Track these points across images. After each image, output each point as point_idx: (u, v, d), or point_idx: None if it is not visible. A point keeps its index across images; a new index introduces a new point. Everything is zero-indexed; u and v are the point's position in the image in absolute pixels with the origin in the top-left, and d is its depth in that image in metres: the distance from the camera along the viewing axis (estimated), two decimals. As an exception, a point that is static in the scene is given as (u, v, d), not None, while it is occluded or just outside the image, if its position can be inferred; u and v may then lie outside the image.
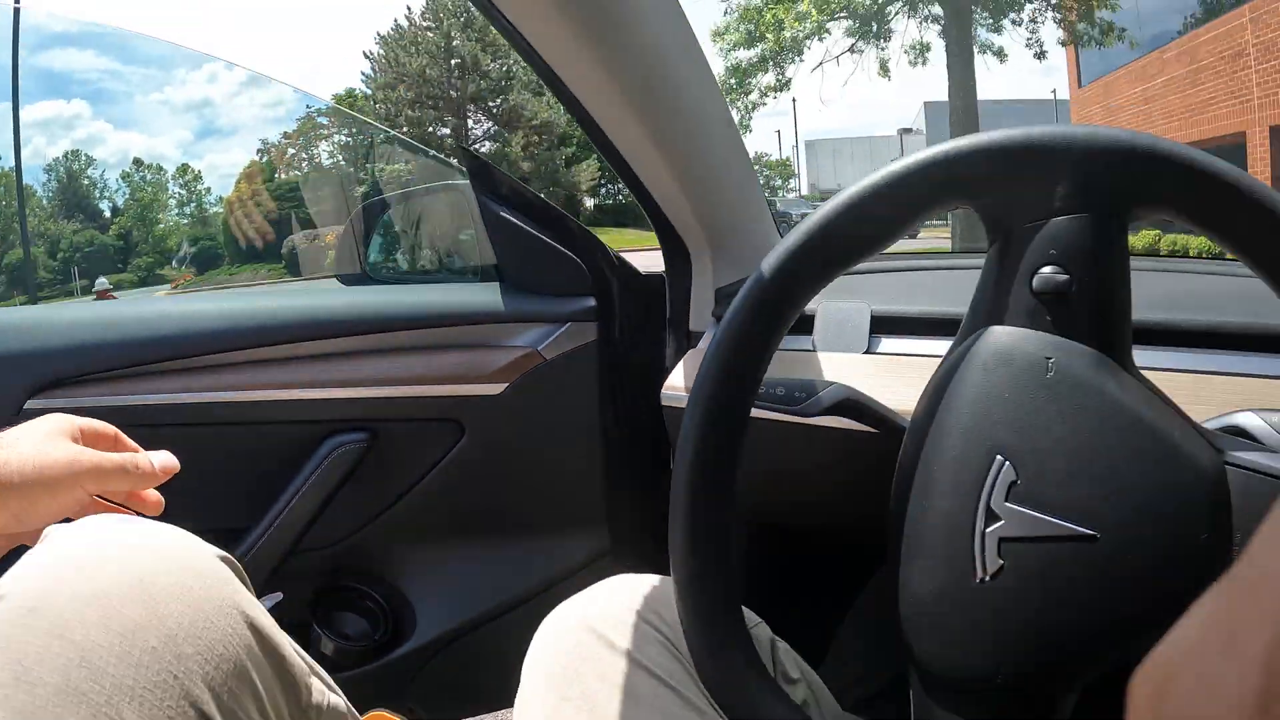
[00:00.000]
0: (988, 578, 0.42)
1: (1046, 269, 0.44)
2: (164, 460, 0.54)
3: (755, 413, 0.49)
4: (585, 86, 0.77)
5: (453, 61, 24.72)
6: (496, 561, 1.08)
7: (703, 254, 0.99)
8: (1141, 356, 0.48)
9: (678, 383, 0.89)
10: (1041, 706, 0.44)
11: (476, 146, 24.73)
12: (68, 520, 0.46)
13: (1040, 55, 12.26)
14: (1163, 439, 0.42)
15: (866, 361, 0.79)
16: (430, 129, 25.36)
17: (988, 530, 0.43)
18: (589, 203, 24.13)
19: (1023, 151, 0.44)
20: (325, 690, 0.49)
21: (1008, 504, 0.42)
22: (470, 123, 24.89)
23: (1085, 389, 0.43)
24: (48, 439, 0.49)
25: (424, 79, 24.68)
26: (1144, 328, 0.65)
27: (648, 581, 0.61)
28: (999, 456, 0.43)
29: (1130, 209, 0.43)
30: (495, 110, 24.18)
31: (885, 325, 0.81)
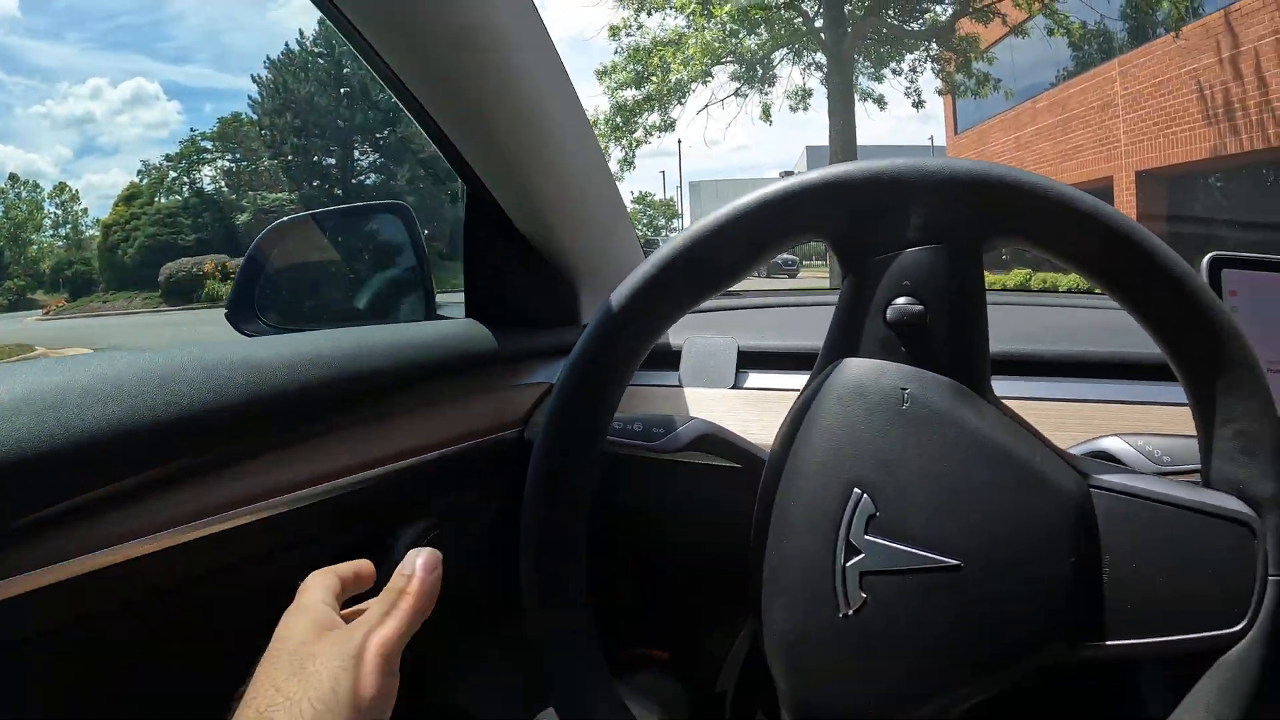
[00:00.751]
0: (851, 612, 0.42)
1: (900, 300, 0.43)
2: (425, 559, 0.49)
3: (619, 449, 0.53)
4: (445, 111, 0.76)
5: (342, 90, 24.10)
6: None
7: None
8: (1006, 386, 0.50)
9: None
10: None
11: (363, 178, 24.01)
12: None
13: (918, 105, 13.09)
14: (1024, 466, 0.42)
15: (733, 396, 0.80)
16: (316, 158, 24.54)
17: (848, 564, 0.42)
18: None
19: (881, 184, 0.43)
20: None
21: (867, 537, 0.42)
22: (356, 154, 24.15)
23: (942, 419, 0.42)
24: (330, 662, 0.41)
25: (312, 106, 23.96)
26: (1009, 358, 0.70)
27: None
28: (856, 489, 0.43)
29: (985, 238, 0.43)
30: (382, 142, 23.48)
31: (752, 360, 0.82)
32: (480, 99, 0.74)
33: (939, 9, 11.97)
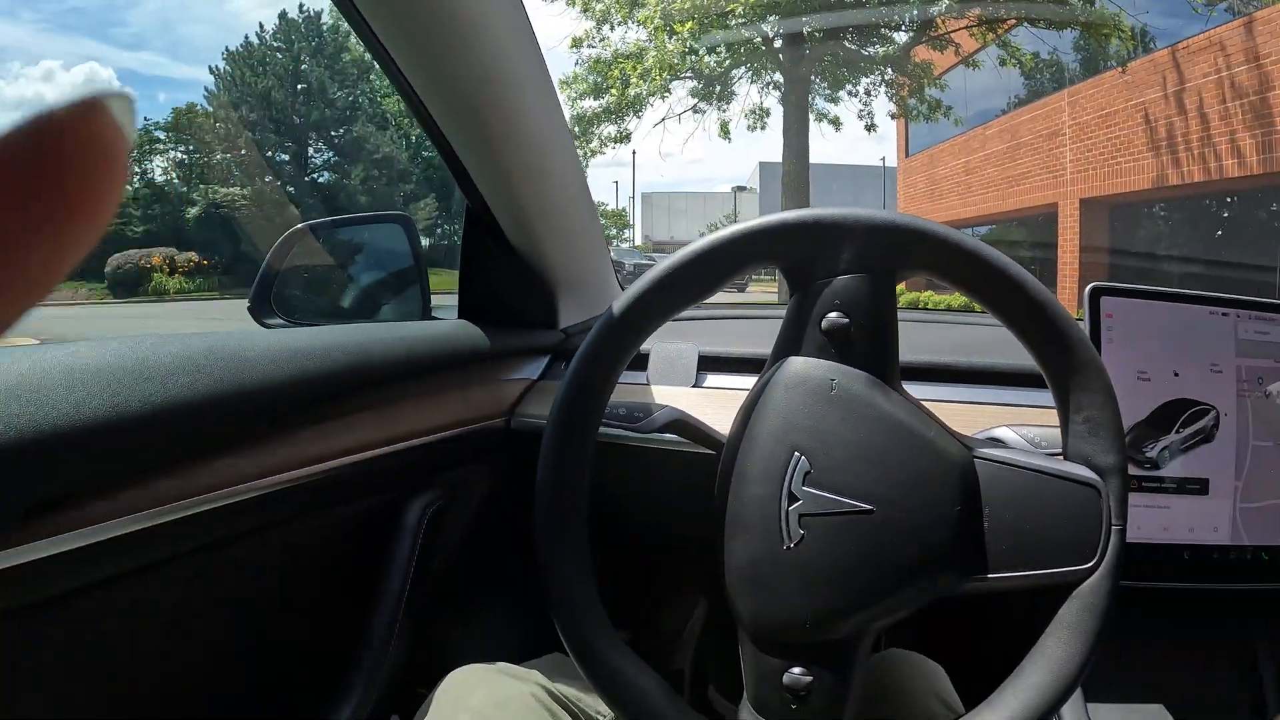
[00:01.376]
0: (792, 545, 0.52)
1: (832, 314, 0.54)
2: None
3: (602, 431, 0.61)
4: (462, 139, 0.87)
5: (299, 86, 23.65)
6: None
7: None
8: (915, 390, 0.59)
9: (529, 410, 0.97)
10: (845, 645, 0.53)
11: (315, 176, 23.55)
12: None
13: (870, 127, 12.92)
14: (920, 437, 0.53)
15: (694, 394, 0.92)
16: (270, 153, 24.01)
17: (790, 509, 0.52)
18: (425, 242, 23.30)
19: (821, 227, 0.54)
20: None
21: (804, 488, 0.53)
22: (311, 151, 23.70)
23: (860, 402, 0.53)
24: None
25: (269, 101, 23.46)
26: (919, 367, 0.84)
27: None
28: (797, 453, 0.53)
29: (897, 270, 0.54)
30: (337, 140, 23.07)
31: (710, 364, 0.94)
32: (491, 130, 0.85)
33: (896, 35, 12.09)
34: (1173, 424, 0.69)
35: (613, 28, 12.50)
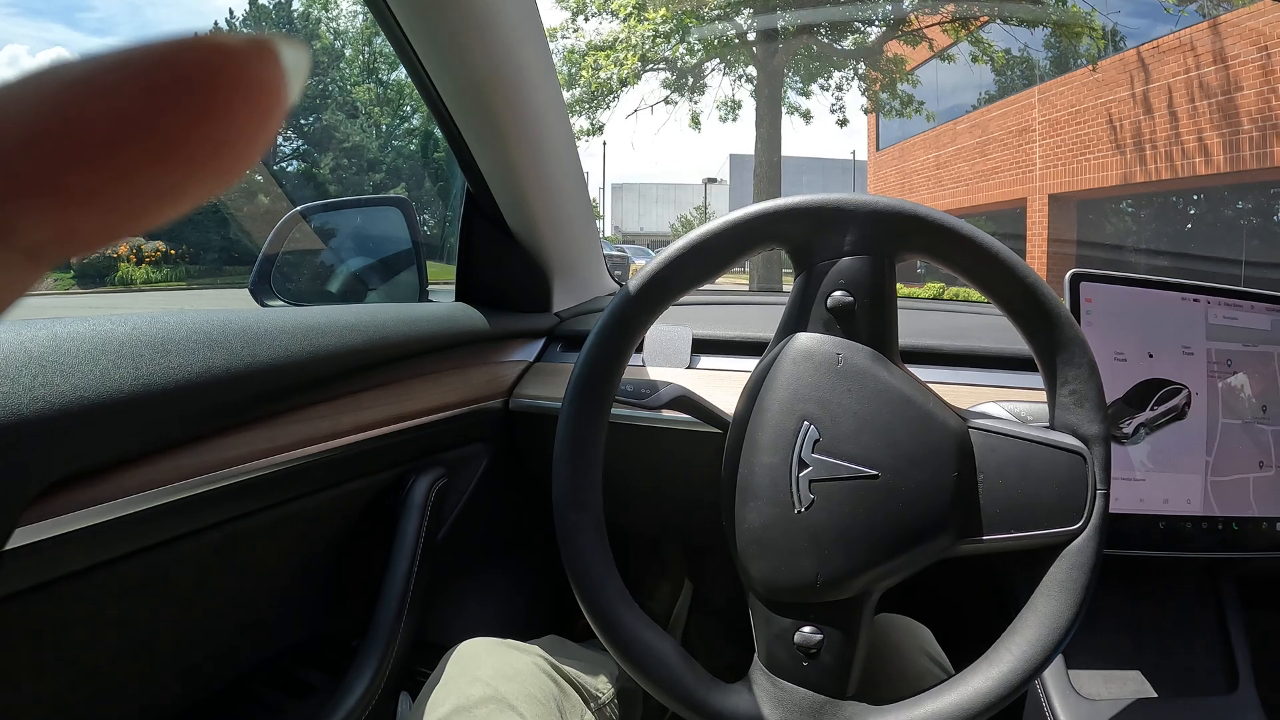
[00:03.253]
0: (803, 509, 0.55)
1: (837, 293, 0.57)
2: None
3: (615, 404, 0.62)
4: (470, 126, 0.90)
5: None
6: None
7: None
8: (916, 372, 0.61)
9: (527, 391, 1.00)
10: (852, 605, 0.56)
11: (284, 165, 23.22)
12: None
13: (842, 123, 12.99)
14: (920, 408, 0.56)
15: (689, 374, 0.94)
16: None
17: (801, 475, 0.55)
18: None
19: (827, 211, 0.57)
20: None
21: (814, 455, 0.55)
22: (280, 139, 23.35)
23: (865, 374, 0.56)
24: None
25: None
26: (919, 350, 0.88)
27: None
28: (806, 422, 0.56)
29: (897, 253, 0.57)
30: (306, 128, 22.72)
31: (703, 346, 0.97)
32: (500, 115, 0.87)
33: (869, 30, 12.14)
34: (1147, 402, 0.72)
35: (586, 19, 12.42)
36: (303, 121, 23.12)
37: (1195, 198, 9.61)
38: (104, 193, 0.11)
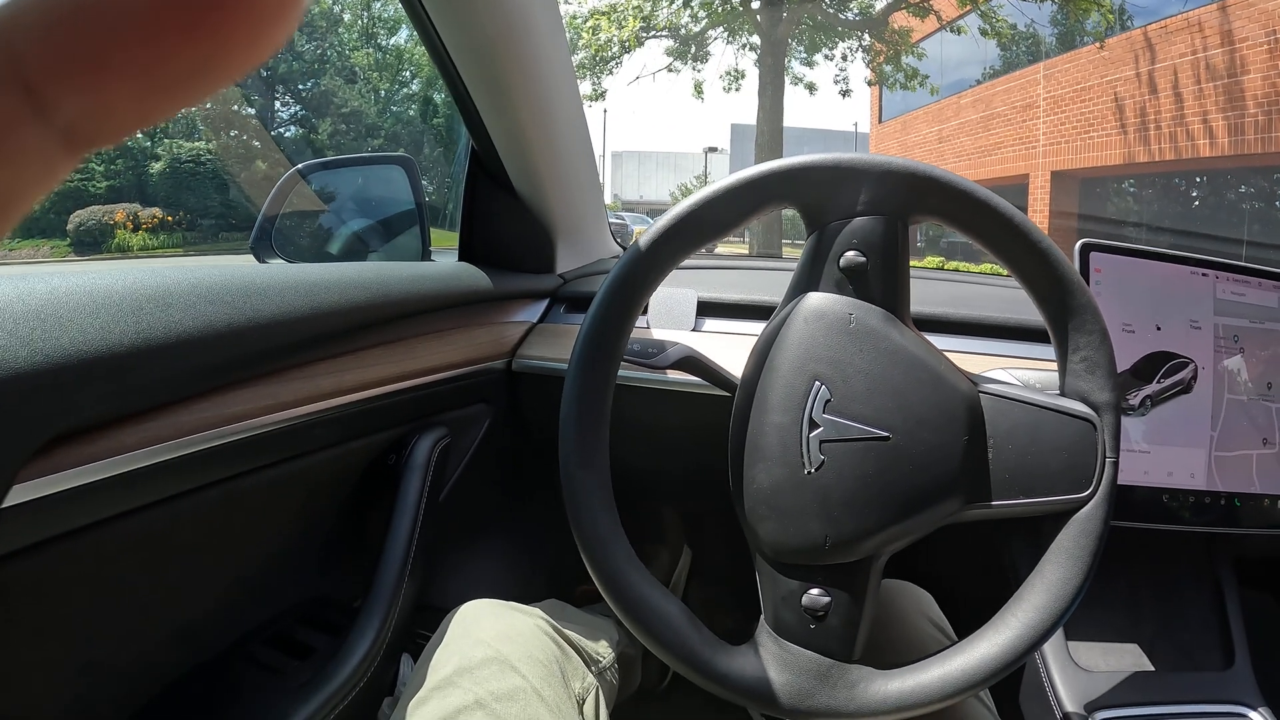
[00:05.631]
0: (813, 470, 0.54)
1: (850, 253, 0.56)
2: None
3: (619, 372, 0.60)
4: (478, 85, 0.89)
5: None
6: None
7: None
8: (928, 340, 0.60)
9: (530, 352, 1.00)
10: (860, 567, 0.56)
11: (282, 130, 22.99)
12: None
13: (845, 94, 12.87)
14: (931, 370, 0.55)
15: (695, 337, 0.95)
16: (235, 107, 23.37)
17: (811, 435, 0.55)
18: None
19: (841, 170, 0.56)
20: None
21: (825, 415, 0.55)
22: (278, 105, 23.08)
23: (876, 335, 0.56)
24: None
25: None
26: (931, 319, 0.89)
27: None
28: (817, 382, 0.55)
29: (910, 214, 0.56)
30: (304, 94, 22.47)
31: (708, 309, 0.98)
32: (510, 77, 0.87)
33: (875, 1, 12.00)
34: (1154, 374, 0.72)
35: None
36: (300, 87, 22.87)
37: (1198, 179, 9.57)
38: (141, 66, 0.11)
